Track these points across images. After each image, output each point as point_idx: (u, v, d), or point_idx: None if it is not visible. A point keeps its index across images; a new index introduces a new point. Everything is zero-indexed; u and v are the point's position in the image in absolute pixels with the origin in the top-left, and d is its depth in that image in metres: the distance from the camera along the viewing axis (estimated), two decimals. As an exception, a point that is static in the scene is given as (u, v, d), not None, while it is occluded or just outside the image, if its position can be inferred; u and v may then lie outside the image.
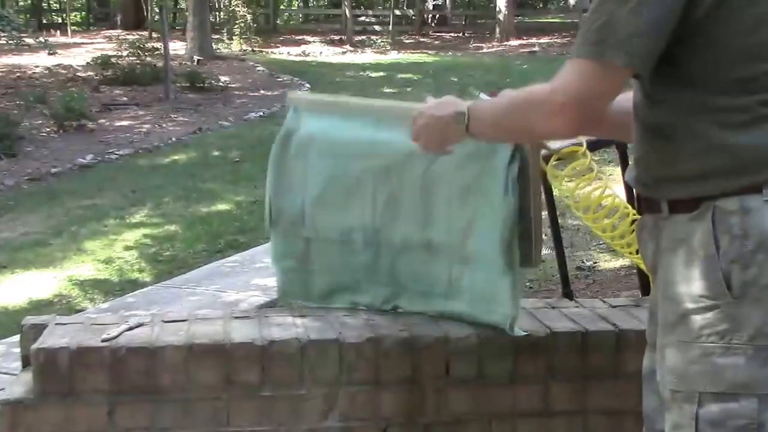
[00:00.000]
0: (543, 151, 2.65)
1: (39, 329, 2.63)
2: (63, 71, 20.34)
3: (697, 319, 1.90)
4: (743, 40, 1.88)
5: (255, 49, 26.80)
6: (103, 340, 2.52)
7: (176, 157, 13.06)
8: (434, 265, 2.70)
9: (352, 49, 27.99)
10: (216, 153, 13.19)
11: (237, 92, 19.13)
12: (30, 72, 20.40)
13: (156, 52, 20.24)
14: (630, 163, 2.52)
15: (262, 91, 19.37)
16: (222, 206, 9.88)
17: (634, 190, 2.20)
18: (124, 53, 20.76)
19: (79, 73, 20.08)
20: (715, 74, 1.89)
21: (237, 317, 2.78)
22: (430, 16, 36.55)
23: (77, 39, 27.95)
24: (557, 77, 1.94)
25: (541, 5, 43.57)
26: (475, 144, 2.42)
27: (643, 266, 3.44)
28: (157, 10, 24.57)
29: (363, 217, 2.77)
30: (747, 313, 1.86)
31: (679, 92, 1.94)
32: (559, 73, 1.94)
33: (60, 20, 33.77)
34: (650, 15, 1.85)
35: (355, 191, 2.78)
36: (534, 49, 27.13)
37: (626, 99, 2.10)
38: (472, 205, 2.56)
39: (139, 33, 27.03)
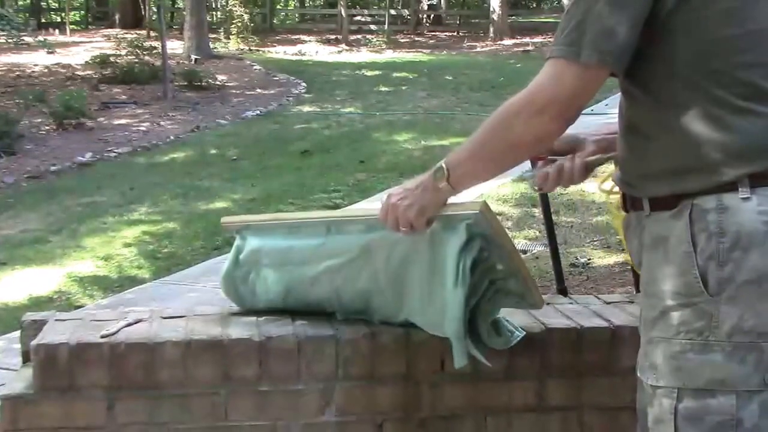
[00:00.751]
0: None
1: (39, 325, 2.64)
2: (62, 70, 20.39)
3: (676, 316, 1.92)
4: (714, 34, 1.89)
5: (252, 48, 26.87)
6: (102, 336, 2.53)
7: (174, 155, 13.09)
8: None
9: (347, 48, 28.08)
10: (213, 151, 13.22)
11: (234, 91, 19.18)
12: (29, 71, 20.44)
13: (154, 51, 20.30)
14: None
15: (258, 90, 19.42)
16: (219, 204, 9.90)
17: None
18: (123, 52, 20.81)
19: (78, 72, 20.13)
20: (686, 68, 1.91)
21: (235, 313, 2.78)
22: (425, 15, 36.73)
23: (76, 38, 28.01)
24: (535, 79, 1.96)
25: (534, 5, 43.81)
26: (432, 233, 2.34)
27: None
28: (155, 10, 24.57)
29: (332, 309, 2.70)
30: (724, 310, 1.87)
31: (653, 88, 1.96)
32: (538, 74, 1.96)
33: (59, 19, 33.83)
34: (622, 12, 1.87)
35: (314, 294, 2.69)
36: (527, 48, 27.32)
37: None
38: (439, 292, 2.40)
39: (138, 32, 27.09)
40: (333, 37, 30.21)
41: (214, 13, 32.76)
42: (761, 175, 1.87)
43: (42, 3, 35.88)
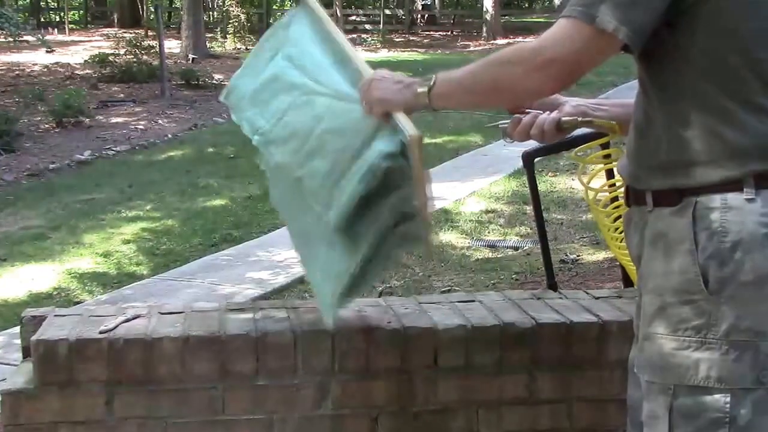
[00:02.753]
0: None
1: (39, 321, 2.66)
2: (61, 69, 20.37)
3: (675, 313, 1.92)
4: (734, 26, 1.87)
5: (248, 47, 26.81)
6: (101, 332, 2.55)
7: (172, 153, 13.09)
8: (307, 215, 2.59)
9: (342, 47, 28.05)
10: (211, 149, 13.21)
11: (231, 89, 19.15)
12: (29, 70, 20.43)
13: (152, 51, 20.28)
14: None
15: (256, 89, 19.39)
16: (217, 201, 9.91)
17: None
18: (121, 51, 20.78)
19: (77, 71, 20.11)
20: (704, 60, 1.89)
21: (232, 309, 2.80)
22: (420, 15, 36.79)
23: (75, 37, 28.02)
24: (545, 34, 1.91)
25: (526, 5, 43.81)
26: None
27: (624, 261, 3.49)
28: (153, 9, 24.58)
29: (269, 122, 2.80)
30: (723, 309, 1.87)
31: (668, 78, 1.94)
32: (548, 30, 1.92)
33: (58, 19, 33.81)
34: None
35: (279, 97, 2.76)
36: (519, 47, 27.38)
37: None
38: (347, 174, 2.38)
39: (136, 31, 27.05)
40: (329, 36, 30.26)
41: (210, 12, 32.75)
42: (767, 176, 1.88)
43: (41, 2, 35.82)
